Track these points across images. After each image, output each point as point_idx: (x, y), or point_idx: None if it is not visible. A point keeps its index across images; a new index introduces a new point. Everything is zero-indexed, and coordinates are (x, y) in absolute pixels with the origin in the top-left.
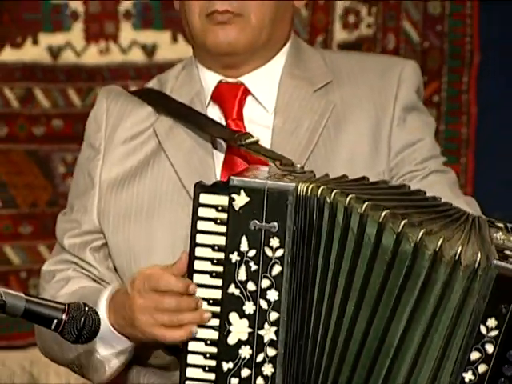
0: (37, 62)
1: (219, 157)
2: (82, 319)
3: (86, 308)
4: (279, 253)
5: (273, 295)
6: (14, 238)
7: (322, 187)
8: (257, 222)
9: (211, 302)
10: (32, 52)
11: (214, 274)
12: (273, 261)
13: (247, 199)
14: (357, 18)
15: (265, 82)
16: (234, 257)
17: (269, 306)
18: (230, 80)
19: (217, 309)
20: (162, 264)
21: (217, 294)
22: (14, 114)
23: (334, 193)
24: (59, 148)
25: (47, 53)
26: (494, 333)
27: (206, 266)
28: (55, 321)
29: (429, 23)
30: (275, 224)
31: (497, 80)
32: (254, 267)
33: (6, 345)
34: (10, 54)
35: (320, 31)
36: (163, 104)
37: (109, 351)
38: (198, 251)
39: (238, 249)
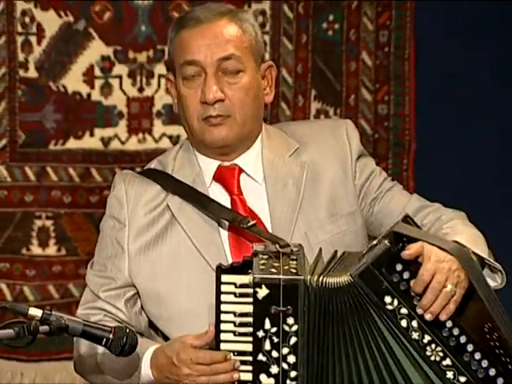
0: (92, 149)
1: (223, 231)
2: (125, 338)
3: (127, 330)
4: (294, 328)
5: (291, 359)
6: (75, 278)
7: (322, 277)
8: (276, 307)
9: (235, 353)
10: (89, 142)
11: (236, 333)
12: (290, 334)
13: (267, 291)
14: (326, 116)
15: (252, 162)
16: (260, 333)
17: (289, 367)
18: (226, 163)
19: (242, 358)
20: (187, 312)
21: (239, 347)
22: (75, 186)
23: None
24: None
25: (100, 142)
26: (395, 302)
27: (230, 327)
28: (104, 339)
29: (378, 120)
30: (290, 307)
31: (428, 162)
32: (275, 340)
33: (68, 356)
34: (73, 144)
35: None
36: (169, 183)
37: None
38: (223, 317)
39: (263, 327)
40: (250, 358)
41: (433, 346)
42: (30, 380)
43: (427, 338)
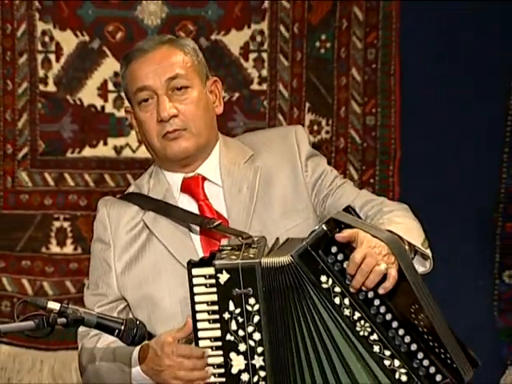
0: (106, 157)
1: (195, 236)
2: (135, 329)
3: (138, 322)
4: (256, 307)
5: (257, 336)
6: None
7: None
8: (237, 289)
9: (212, 339)
10: (103, 150)
11: (211, 320)
12: (253, 313)
13: (228, 276)
14: (319, 127)
15: (212, 169)
16: (226, 315)
17: (255, 343)
18: (190, 174)
19: (218, 343)
20: (171, 313)
21: (215, 333)
22: (90, 191)
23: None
24: None
25: (113, 150)
26: (330, 281)
27: (205, 316)
28: (117, 330)
29: (367, 130)
30: (250, 289)
31: (412, 169)
32: (240, 320)
33: None
34: (88, 152)
35: None
36: (145, 202)
37: None
38: (197, 307)
39: (227, 309)
40: (216, 333)
41: (362, 322)
42: (49, 367)
43: (357, 315)
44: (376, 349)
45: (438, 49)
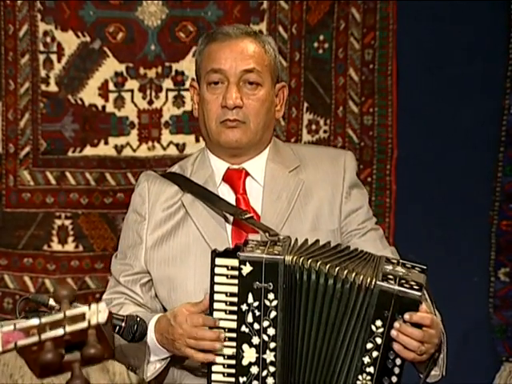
0: (107, 156)
1: (228, 225)
2: (136, 326)
3: (138, 319)
4: (274, 303)
5: (271, 331)
6: (92, 272)
7: (301, 258)
8: (258, 283)
9: (226, 330)
10: (104, 149)
11: (227, 311)
12: (270, 308)
13: (251, 268)
14: (317, 127)
15: (257, 167)
16: (244, 307)
17: (269, 338)
18: (235, 166)
19: (231, 334)
20: (192, 294)
21: (230, 324)
22: (91, 189)
23: (309, 261)
24: (121, 212)
25: (114, 149)
26: (380, 330)
27: (222, 306)
28: (117, 327)
29: (364, 130)
30: (271, 284)
31: (409, 168)
32: (257, 313)
33: None
34: (89, 151)
35: (293, 135)
36: (186, 184)
37: (155, 358)
38: (216, 296)
39: (246, 301)
40: (231, 324)
41: (368, 377)
42: None
43: (370, 370)
44: None
45: (434, 49)
